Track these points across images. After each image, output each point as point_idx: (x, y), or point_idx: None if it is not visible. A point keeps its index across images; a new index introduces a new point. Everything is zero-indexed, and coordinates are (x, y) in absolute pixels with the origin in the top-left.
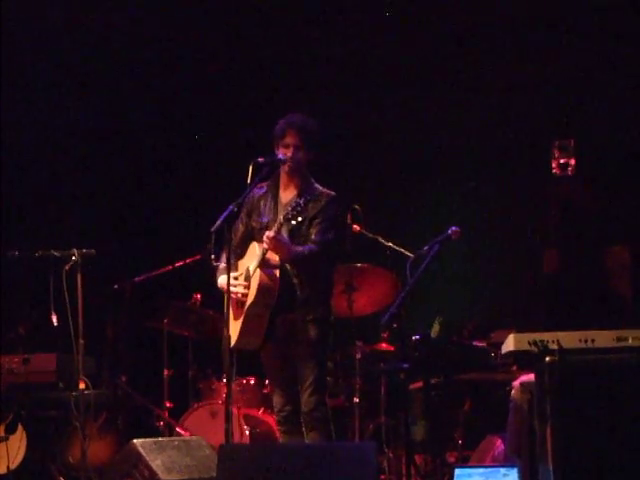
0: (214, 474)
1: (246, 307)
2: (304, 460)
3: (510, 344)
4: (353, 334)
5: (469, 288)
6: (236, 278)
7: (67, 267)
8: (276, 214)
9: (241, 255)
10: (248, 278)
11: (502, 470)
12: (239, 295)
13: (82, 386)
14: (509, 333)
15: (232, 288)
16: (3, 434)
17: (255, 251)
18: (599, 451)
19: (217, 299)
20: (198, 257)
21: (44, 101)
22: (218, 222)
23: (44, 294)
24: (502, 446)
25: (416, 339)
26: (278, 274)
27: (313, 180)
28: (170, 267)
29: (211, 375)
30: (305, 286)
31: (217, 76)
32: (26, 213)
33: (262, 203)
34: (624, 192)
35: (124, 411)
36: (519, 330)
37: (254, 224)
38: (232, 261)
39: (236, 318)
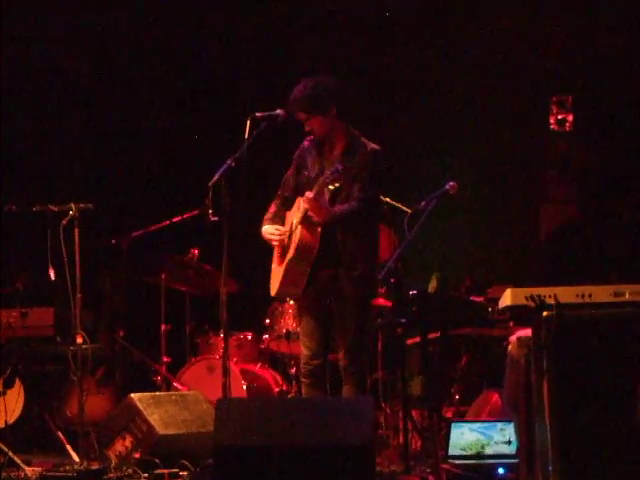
0: (211, 428)
1: (285, 262)
2: (302, 414)
3: (507, 299)
4: None
5: (466, 243)
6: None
7: (65, 221)
8: (320, 168)
9: (289, 207)
10: (292, 232)
11: (499, 425)
12: (275, 243)
13: (79, 340)
14: (506, 288)
15: (272, 237)
16: (1, 388)
17: (300, 205)
18: (595, 406)
19: (214, 254)
20: (196, 212)
21: (41, 52)
22: (216, 176)
23: (42, 248)
24: (499, 401)
25: (413, 294)
26: (320, 231)
27: (357, 133)
28: (168, 222)
29: (208, 330)
30: (349, 242)
31: (216, 27)
32: (23, 167)
33: (308, 157)
34: (621, 148)
35: (121, 366)
36: (516, 285)
37: (301, 177)
38: (281, 212)
39: (279, 265)
